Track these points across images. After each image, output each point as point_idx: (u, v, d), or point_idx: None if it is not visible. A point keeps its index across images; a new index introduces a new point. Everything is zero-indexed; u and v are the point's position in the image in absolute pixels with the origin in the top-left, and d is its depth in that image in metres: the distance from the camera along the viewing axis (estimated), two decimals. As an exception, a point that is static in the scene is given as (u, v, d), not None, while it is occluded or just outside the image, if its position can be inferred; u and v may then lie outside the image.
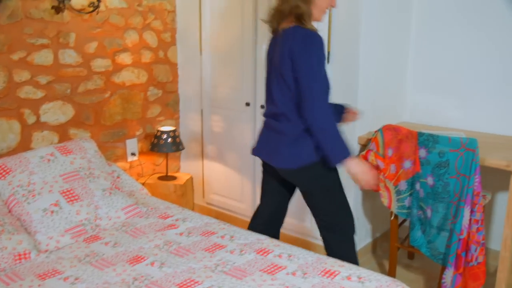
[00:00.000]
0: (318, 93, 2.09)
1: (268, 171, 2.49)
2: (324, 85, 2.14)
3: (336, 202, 2.36)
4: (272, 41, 2.31)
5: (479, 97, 3.09)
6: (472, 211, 2.41)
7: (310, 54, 2.08)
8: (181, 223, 2.52)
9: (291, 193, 2.54)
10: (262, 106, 3.29)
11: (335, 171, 2.30)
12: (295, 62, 2.09)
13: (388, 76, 3.17)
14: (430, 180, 2.58)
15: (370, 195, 3.20)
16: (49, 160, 2.60)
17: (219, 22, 3.43)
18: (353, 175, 2.18)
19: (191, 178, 3.72)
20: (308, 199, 2.37)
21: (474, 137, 2.39)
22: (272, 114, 2.31)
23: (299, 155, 2.20)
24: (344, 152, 2.12)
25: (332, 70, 2.93)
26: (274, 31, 2.30)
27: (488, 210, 3.13)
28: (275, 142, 2.27)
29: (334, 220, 2.37)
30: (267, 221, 2.59)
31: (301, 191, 2.38)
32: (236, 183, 3.58)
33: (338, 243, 2.39)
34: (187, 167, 3.90)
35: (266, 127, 2.37)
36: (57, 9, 2.90)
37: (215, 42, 3.49)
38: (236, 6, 3.30)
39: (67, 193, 2.48)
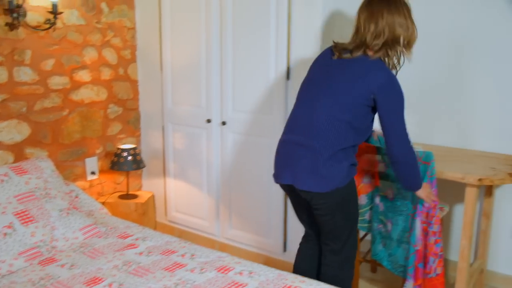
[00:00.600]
0: (405, 131, 2.19)
1: (294, 192, 2.33)
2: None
3: (352, 225, 2.38)
4: (335, 59, 2.25)
5: (434, 111, 3.17)
6: (429, 224, 2.46)
7: (401, 96, 2.17)
8: (141, 242, 2.50)
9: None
10: (223, 123, 3.30)
11: (355, 190, 2.35)
12: (384, 99, 2.14)
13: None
14: (389, 194, 2.63)
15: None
16: (2, 180, 2.53)
17: (180, 38, 3.44)
18: (420, 197, 2.36)
19: (153, 196, 3.68)
20: (329, 222, 2.31)
21: (431, 151, 2.45)
22: (304, 125, 2.22)
23: (335, 176, 2.18)
24: (420, 183, 2.30)
25: (291, 86, 2.97)
26: (343, 50, 2.23)
27: (446, 222, 3.21)
28: (304, 159, 2.19)
29: (345, 246, 2.37)
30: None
31: (323, 214, 2.28)
32: (199, 200, 3.57)
33: (341, 267, 2.39)
34: (149, 185, 3.87)
35: (292, 142, 2.26)
36: (11, 26, 2.86)
37: (176, 58, 3.50)
38: (199, 23, 3.32)
39: (22, 214, 2.42)
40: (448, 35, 3.04)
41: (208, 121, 3.38)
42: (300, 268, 2.52)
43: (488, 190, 2.96)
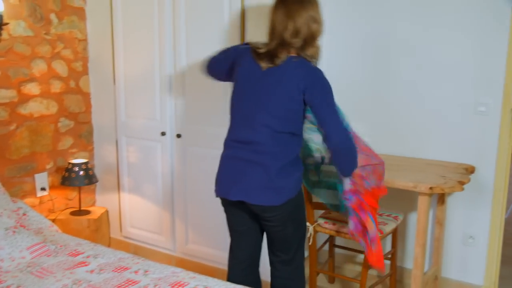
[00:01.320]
0: (339, 119, 2.21)
1: (239, 209, 2.35)
2: None
3: (302, 233, 2.40)
4: (257, 67, 2.22)
5: (385, 120, 3.25)
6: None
7: (329, 86, 2.20)
8: (93, 260, 2.44)
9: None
10: (178, 136, 3.28)
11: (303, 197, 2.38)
12: (315, 94, 2.15)
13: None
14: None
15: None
16: None
17: (133, 50, 3.41)
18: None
19: (106, 212, 3.62)
20: (281, 233, 2.33)
21: (385, 160, 2.51)
22: (248, 143, 2.23)
23: (286, 188, 2.21)
24: (356, 164, 2.28)
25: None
26: (267, 57, 2.20)
27: (401, 230, 3.27)
28: (256, 175, 2.20)
29: (295, 255, 2.39)
30: (249, 265, 2.49)
31: (275, 225, 2.30)
32: (155, 215, 3.53)
33: (293, 276, 2.42)
34: (102, 201, 3.80)
35: (238, 158, 2.26)
36: (-46, 38, 2.78)
37: (130, 70, 3.47)
38: (152, 34, 3.30)
39: (-36, 234, 2.34)
40: (396, 45, 3.13)
41: (163, 134, 3.35)
42: None
43: (440, 198, 3.04)
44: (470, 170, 2.92)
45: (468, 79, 2.95)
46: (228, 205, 2.39)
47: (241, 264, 2.49)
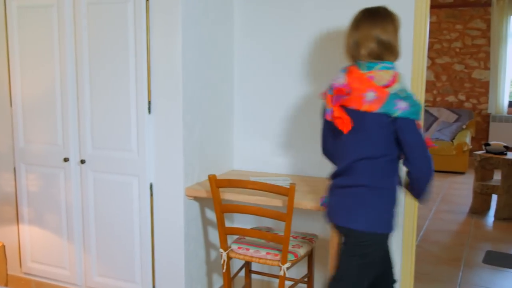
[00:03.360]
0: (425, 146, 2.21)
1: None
2: None
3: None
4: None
5: (300, 142, 3.34)
6: None
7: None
8: (-18, 302, 2.30)
9: None
10: (82, 161, 3.19)
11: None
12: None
13: (214, 126, 3.28)
14: None
15: (215, 247, 3.24)
16: None
17: (32, 70, 3.29)
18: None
19: (3, 247, 3.42)
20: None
21: (299, 181, 2.56)
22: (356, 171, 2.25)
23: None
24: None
25: (154, 120, 2.97)
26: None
27: (321, 251, 3.34)
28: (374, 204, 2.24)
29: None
30: None
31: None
32: (59, 247, 3.38)
33: None
34: (-1, 234, 3.60)
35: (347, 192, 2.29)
36: None
37: (28, 92, 3.33)
38: (52, 54, 3.20)
39: None
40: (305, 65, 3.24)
41: (66, 160, 3.24)
42: None
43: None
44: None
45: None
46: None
47: None
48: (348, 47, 2.30)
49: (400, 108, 2.13)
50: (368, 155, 2.22)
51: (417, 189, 2.28)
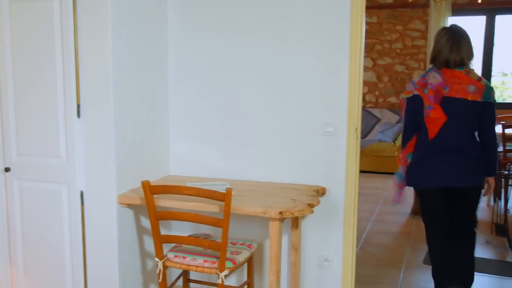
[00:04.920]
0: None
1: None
2: None
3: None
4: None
5: (235, 145, 3.37)
6: None
7: None
8: None
9: None
10: (6, 169, 3.09)
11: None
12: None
13: (148, 130, 3.26)
14: None
15: (151, 256, 3.20)
16: None
17: None
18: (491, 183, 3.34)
19: None
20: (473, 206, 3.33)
21: (237, 186, 2.57)
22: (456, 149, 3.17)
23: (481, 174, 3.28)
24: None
25: (83, 125, 2.92)
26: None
27: (258, 258, 3.37)
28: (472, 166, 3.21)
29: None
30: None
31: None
32: (-19, 262, 3.27)
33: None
34: None
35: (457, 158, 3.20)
36: None
37: None
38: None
39: None
40: (242, 68, 3.27)
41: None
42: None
43: (294, 222, 3.19)
44: (321, 191, 3.12)
45: (315, 100, 3.16)
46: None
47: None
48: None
49: (492, 96, 3.14)
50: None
51: (492, 157, 3.22)
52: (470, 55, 3.17)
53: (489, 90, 3.14)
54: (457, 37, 3.16)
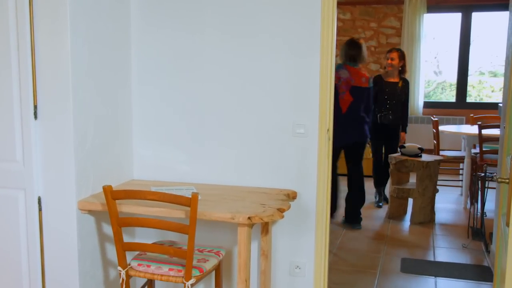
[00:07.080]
0: None
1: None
2: None
3: None
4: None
5: (201, 148, 3.38)
6: None
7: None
8: None
9: None
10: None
11: None
12: None
13: (111, 132, 3.25)
14: None
15: (114, 265, 3.19)
16: None
17: None
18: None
19: None
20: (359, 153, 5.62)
21: (204, 190, 2.59)
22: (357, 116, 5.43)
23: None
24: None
25: (41, 127, 2.89)
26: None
27: (226, 266, 3.39)
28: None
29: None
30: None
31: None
32: None
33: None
34: None
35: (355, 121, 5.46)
36: None
37: None
38: None
39: None
40: (207, 67, 3.29)
41: None
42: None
43: (264, 228, 3.22)
44: (292, 195, 3.15)
45: (285, 100, 3.20)
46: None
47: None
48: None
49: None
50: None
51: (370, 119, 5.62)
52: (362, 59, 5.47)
53: (371, 79, 5.50)
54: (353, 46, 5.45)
